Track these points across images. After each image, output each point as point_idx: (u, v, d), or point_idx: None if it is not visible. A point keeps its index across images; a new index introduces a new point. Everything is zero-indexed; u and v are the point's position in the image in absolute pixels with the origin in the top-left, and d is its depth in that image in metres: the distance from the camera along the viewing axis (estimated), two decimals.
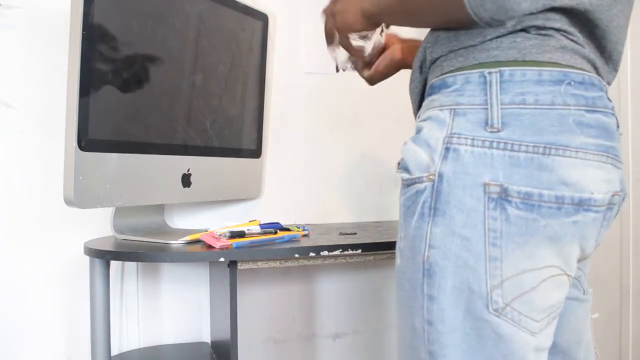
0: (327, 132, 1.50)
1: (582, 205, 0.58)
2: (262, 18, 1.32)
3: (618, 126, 0.64)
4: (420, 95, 0.73)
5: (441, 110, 0.62)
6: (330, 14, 0.78)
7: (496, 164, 0.58)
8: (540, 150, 0.57)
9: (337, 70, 1.48)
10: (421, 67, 0.71)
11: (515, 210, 0.57)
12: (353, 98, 1.51)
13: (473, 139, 0.59)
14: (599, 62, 0.65)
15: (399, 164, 0.68)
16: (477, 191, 0.58)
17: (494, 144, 0.58)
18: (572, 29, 0.61)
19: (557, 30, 0.60)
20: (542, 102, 0.58)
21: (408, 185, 0.64)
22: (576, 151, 0.57)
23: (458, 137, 0.60)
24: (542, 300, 0.59)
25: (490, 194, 0.58)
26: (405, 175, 0.65)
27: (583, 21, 0.61)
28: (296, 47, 1.47)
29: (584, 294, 0.76)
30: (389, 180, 1.55)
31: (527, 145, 0.57)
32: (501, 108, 0.58)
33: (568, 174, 0.57)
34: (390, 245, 1.05)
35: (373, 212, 1.54)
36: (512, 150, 0.57)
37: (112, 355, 1.18)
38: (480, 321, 0.59)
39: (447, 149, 0.60)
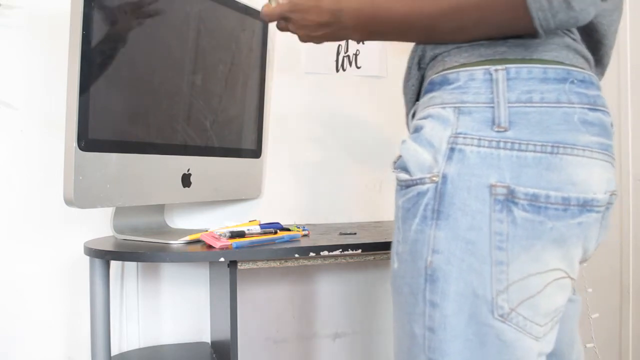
0: (327, 132, 1.50)
1: (586, 206, 0.57)
2: None
3: (612, 124, 0.63)
4: (416, 94, 0.71)
5: (443, 108, 0.60)
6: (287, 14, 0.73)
7: (503, 165, 0.56)
8: (549, 149, 0.56)
9: (337, 70, 1.48)
10: (419, 64, 0.69)
11: (522, 212, 0.56)
12: (353, 98, 1.51)
13: (480, 139, 0.57)
14: (592, 62, 0.65)
15: (395, 162, 0.65)
16: (483, 193, 0.56)
17: (501, 144, 0.56)
18: (573, 28, 0.61)
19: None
20: (547, 100, 0.57)
21: (408, 187, 0.62)
22: (583, 149, 0.56)
23: (464, 137, 0.58)
24: (547, 304, 0.58)
25: (497, 195, 0.56)
26: (405, 176, 0.62)
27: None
28: (296, 47, 1.47)
29: (573, 293, 0.75)
30: (389, 180, 1.55)
31: (535, 145, 0.56)
32: (508, 106, 0.57)
33: (575, 173, 0.56)
34: (390, 246, 1.05)
35: (373, 212, 1.54)
36: (519, 150, 0.56)
37: (112, 355, 1.18)
38: (484, 327, 0.57)
39: (452, 150, 0.58)
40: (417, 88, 0.71)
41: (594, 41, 0.63)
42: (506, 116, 0.57)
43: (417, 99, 0.71)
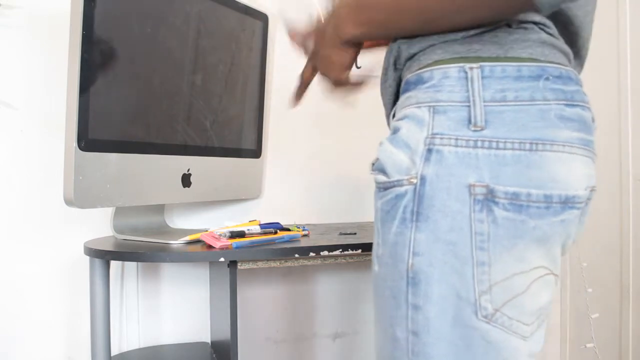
0: (327, 132, 1.50)
1: (567, 202, 0.56)
2: (262, 18, 1.32)
3: (593, 120, 0.62)
4: (394, 95, 0.70)
5: (418, 107, 0.59)
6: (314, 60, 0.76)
7: (481, 164, 0.55)
8: (527, 146, 0.55)
9: None
10: (395, 64, 0.68)
11: (502, 212, 0.55)
12: (353, 98, 1.51)
13: (457, 139, 0.56)
14: (571, 56, 0.64)
15: (373, 165, 0.65)
16: (462, 193, 0.55)
17: (479, 143, 0.55)
18: (549, 22, 0.60)
19: (536, 23, 0.59)
20: (521, 99, 0.56)
21: (386, 189, 0.61)
22: (563, 145, 0.56)
23: (441, 138, 0.57)
24: (532, 302, 0.58)
25: (476, 195, 0.55)
26: (382, 178, 0.62)
27: (559, 16, 0.60)
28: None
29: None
30: None
31: (513, 142, 0.55)
32: (484, 105, 0.56)
33: (556, 170, 0.55)
34: None
35: (373, 212, 1.54)
36: (497, 148, 0.55)
37: (112, 355, 1.18)
38: (468, 329, 0.56)
39: (429, 150, 0.57)
40: (394, 89, 0.70)
41: (570, 33, 0.63)
42: (482, 115, 0.56)
43: (396, 100, 0.70)
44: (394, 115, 0.68)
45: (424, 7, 0.59)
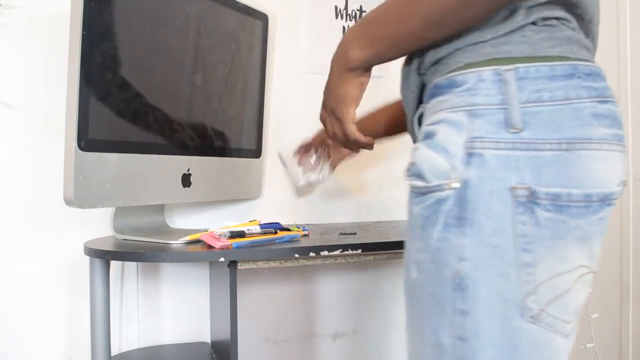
0: None
1: (605, 200, 0.57)
2: (262, 18, 1.32)
3: (621, 114, 0.63)
4: (417, 100, 0.70)
5: (454, 112, 0.59)
6: (327, 116, 0.77)
7: (522, 166, 0.55)
8: (564, 146, 0.55)
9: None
10: (418, 69, 0.68)
11: (544, 212, 0.55)
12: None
13: (497, 142, 0.56)
14: (592, 50, 0.64)
15: (408, 170, 0.64)
16: (505, 196, 0.56)
17: (518, 145, 0.56)
18: (569, 16, 0.61)
19: (559, 19, 0.60)
20: (556, 98, 0.56)
21: (424, 194, 0.61)
22: (599, 143, 0.56)
23: (481, 141, 0.57)
24: (575, 301, 0.59)
25: (518, 197, 0.55)
26: (420, 183, 0.61)
27: (573, 7, 0.61)
28: (296, 47, 1.47)
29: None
30: (389, 180, 1.55)
31: (551, 143, 0.55)
32: (520, 107, 0.56)
33: (594, 168, 0.56)
34: (390, 245, 1.05)
35: (373, 212, 1.54)
36: (537, 150, 0.55)
37: (112, 355, 1.18)
38: (515, 331, 0.57)
39: (470, 154, 0.57)
40: (417, 95, 0.70)
41: (586, 22, 0.63)
42: (519, 117, 0.56)
43: (419, 104, 0.70)
44: (418, 120, 0.68)
45: (429, 9, 0.59)
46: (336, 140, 0.80)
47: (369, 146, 0.80)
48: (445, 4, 0.57)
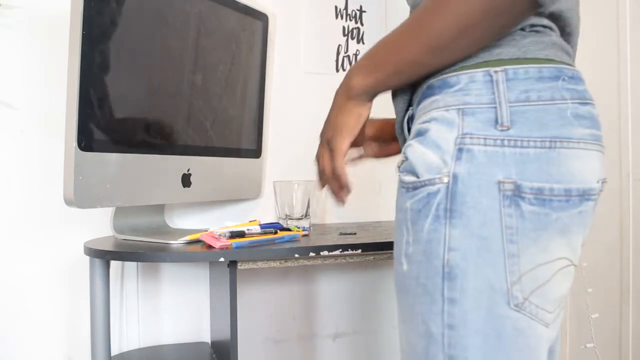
0: None
1: (584, 195, 0.60)
2: (262, 18, 1.32)
3: (598, 115, 0.66)
4: (408, 102, 0.73)
5: (447, 110, 0.62)
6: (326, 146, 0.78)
7: (508, 162, 0.59)
8: (547, 144, 0.59)
9: (337, 70, 1.47)
10: None
11: (528, 206, 0.58)
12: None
13: (485, 138, 0.59)
14: (573, 56, 0.69)
15: (399, 166, 0.66)
16: (492, 190, 0.59)
17: (505, 142, 0.59)
18: (553, 26, 0.64)
19: (545, 27, 0.63)
20: (544, 98, 0.60)
21: (415, 188, 0.63)
22: (577, 142, 0.60)
23: (471, 137, 0.60)
24: (555, 291, 0.62)
25: (505, 191, 0.59)
26: (412, 178, 0.64)
27: (557, 19, 0.64)
28: (296, 47, 1.47)
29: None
30: (389, 180, 1.55)
31: (534, 141, 0.59)
32: (509, 106, 0.60)
33: (573, 165, 0.59)
34: (390, 245, 1.05)
35: (373, 212, 1.54)
36: (522, 147, 0.59)
37: (112, 355, 1.19)
38: (500, 318, 0.60)
39: (460, 150, 0.60)
40: (409, 96, 0.72)
41: (567, 33, 0.67)
42: (508, 115, 0.59)
43: (409, 106, 0.73)
44: (409, 120, 0.71)
45: (430, 35, 0.61)
46: (322, 177, 0.81)
47: (344, 192, 0.82)
48: (445, 31, 0.59)
